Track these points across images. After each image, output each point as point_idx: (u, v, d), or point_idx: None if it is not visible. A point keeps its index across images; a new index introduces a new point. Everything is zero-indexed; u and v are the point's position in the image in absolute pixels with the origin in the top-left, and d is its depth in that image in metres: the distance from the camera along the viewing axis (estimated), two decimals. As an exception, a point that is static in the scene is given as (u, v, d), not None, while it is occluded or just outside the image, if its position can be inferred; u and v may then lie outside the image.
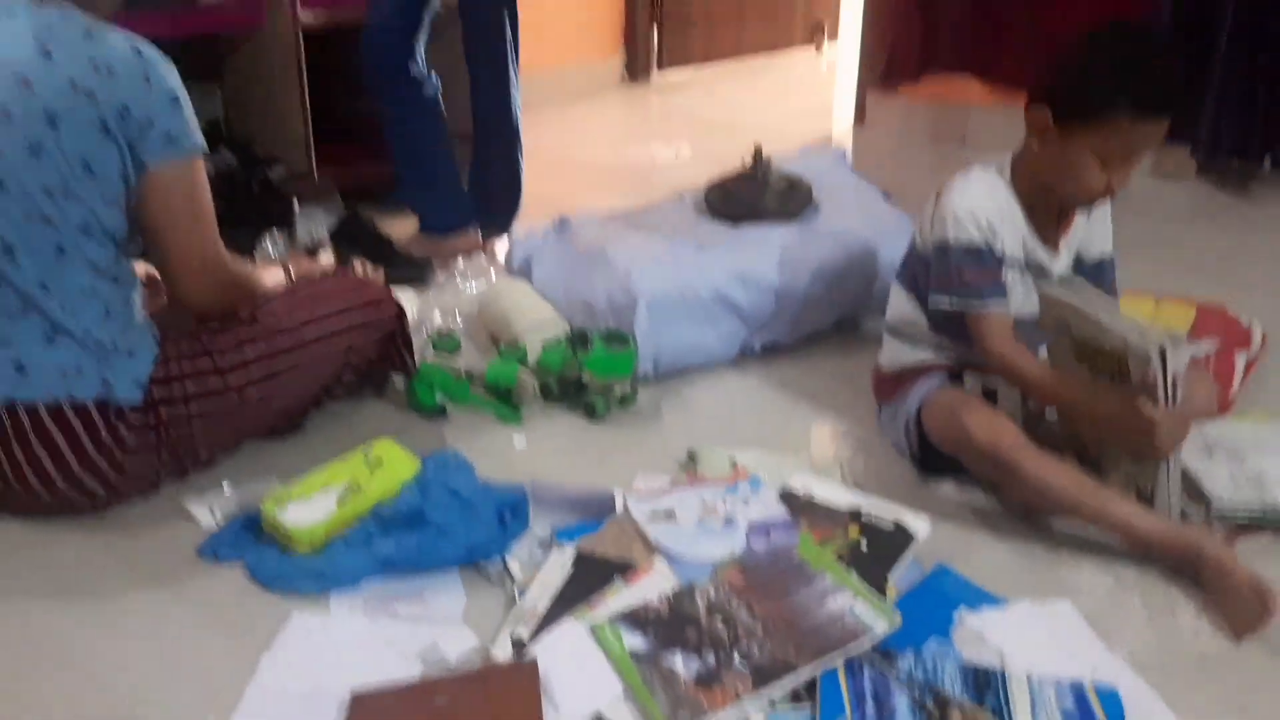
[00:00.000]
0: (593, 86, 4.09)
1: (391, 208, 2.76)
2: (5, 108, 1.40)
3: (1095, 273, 1.85)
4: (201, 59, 2.76)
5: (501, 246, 2.60)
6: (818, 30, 4.60)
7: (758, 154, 2.41)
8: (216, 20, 2.57)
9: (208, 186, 1.53)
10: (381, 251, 2.46)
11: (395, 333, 1.84)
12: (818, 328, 2.27)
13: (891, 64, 3.56)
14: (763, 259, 2.21)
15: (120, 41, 1.44)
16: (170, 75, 1.47)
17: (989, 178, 1.76)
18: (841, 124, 3.81)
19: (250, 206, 2.36)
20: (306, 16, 2.57)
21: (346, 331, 1.75)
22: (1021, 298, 1.76)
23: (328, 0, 2.61)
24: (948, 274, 1.72)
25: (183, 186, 1.50)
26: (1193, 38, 3.01)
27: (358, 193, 2.81)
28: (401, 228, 2.65)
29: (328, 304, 1.73)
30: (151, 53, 1.46)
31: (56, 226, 1.44)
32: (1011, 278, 1.75)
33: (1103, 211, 1.85)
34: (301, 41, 2.57)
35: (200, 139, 1.50)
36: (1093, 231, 1.84)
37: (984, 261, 1.71)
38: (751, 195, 2.36)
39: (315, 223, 2.55)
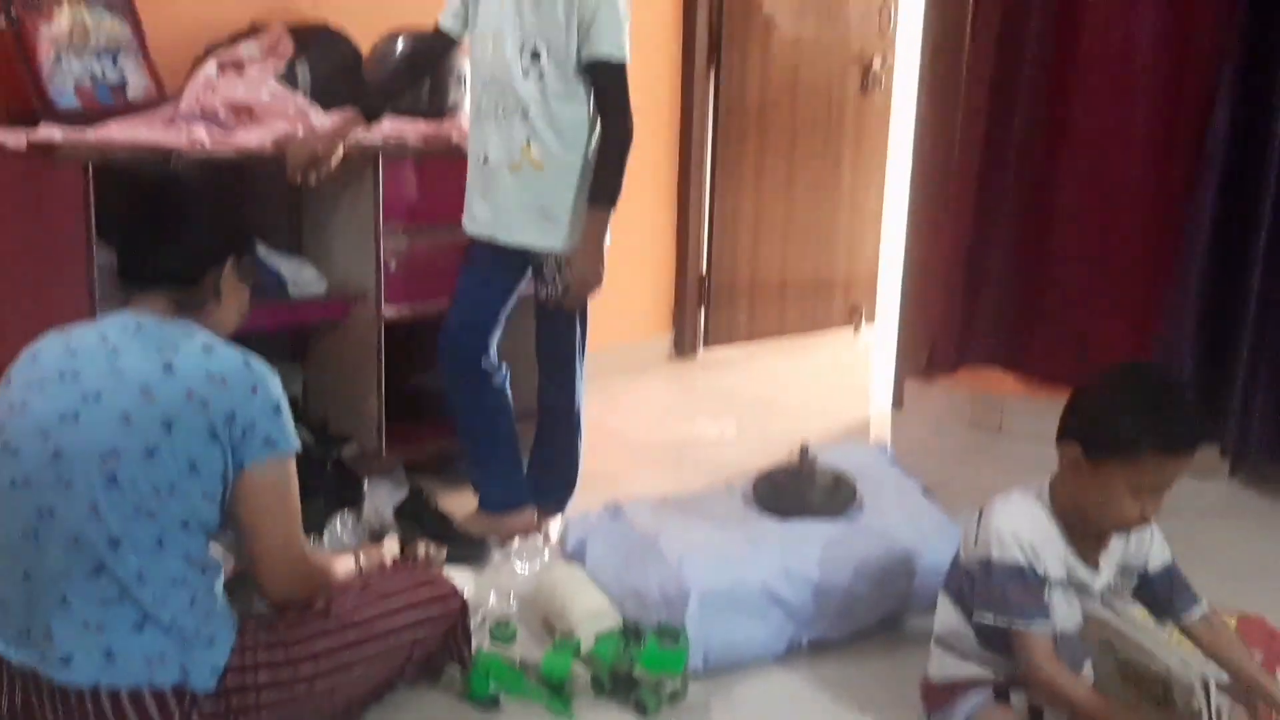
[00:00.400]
0: (642, 363, 4.27)
1: (454, 482, 2.88)
2: (128, 414, 1.55)
3: (1162, 584, 1.93)
4: (288, 341, 2.97)
5: (555, 526, 2.69)
6: (855, 313, 4.83)
7: (804, 450, 2.53)
8: (307, 313, 2.78)
9: (297, 485, 1.67)
10: (442, 530, 2.55)
11: (457, 625, 1.92)
12: (862, 625, 2.32)
13: (931, 354, 3.72)
14: (809, 555, 2.29)
15: (233, 355, 1.62)
16: (275, 385, 1.64)
17: (1028, 501, 1.87)
18: (878, 406, 3.95)
19: (322, 484, 2.49)
20: (389, 310, 2.77)
21: (413, 626, 1.83)
22: (1064, 614, 1.84)
23: (410, 296, 2.81)
24: (991, 592, 1.81)
25: (276, 485, 1.63)
26: (1216, 344, 3.16)
27: (423, 467, 2.94)
28: (463, 502, 2.75)
29: (397, 599, 1.83)
30: (260, 365, 1.64)
31: (159, 521, 1.55)
32: (1055, 596, 1.83)
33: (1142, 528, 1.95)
34: (383, 333, 2.76)
35: (296, 441, 1.65)
36: (1139, 544, 1.93)
37: (1027, 581, 1.80)
38: (798, 491, 2.47)
39: (382, 502, 2.66)
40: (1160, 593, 1.94)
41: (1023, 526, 1.82)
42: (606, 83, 2.43)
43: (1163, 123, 3.24)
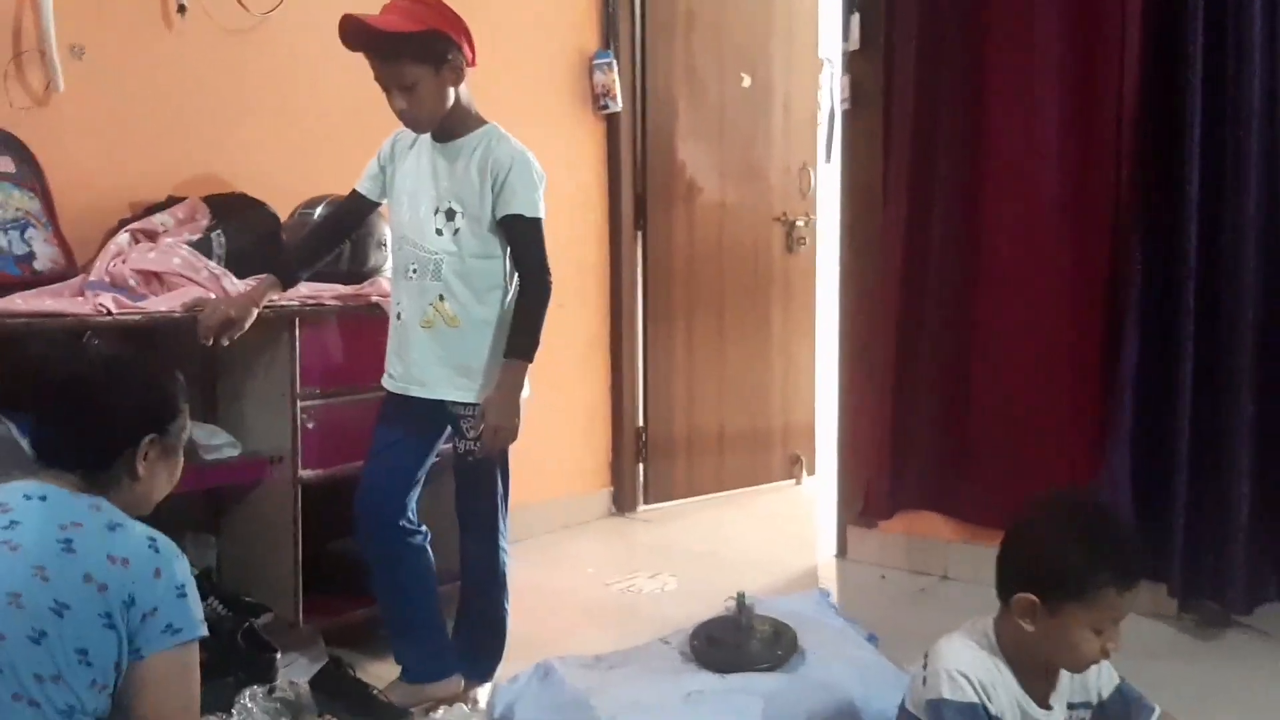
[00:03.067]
0: (581, 519, 4.22)
1: (376, 652, 2.75)
2: (17, 595, 1.45)
3: (1116, 705, 1.87)
4: (201, 509, 2.87)
5: (484, 693, 2.56)
6: (796, 463, 4.82)
7: (740, 601, 2.45)
8: (221, 475, 2.70)
9: (197, 669, 1.57)
10: (363, 701, 2.42)
11: None
12: (810, 780, 2.20)
13: (867, 501, 3.70)
14: (750, 710, 2.18)
15: (139, 534, 1.54)
16: (181, 567, 1.56)
17: (973, 644, 1.80)
18: (824, 554, 3.88)
19: (234, 658, 2.36)
20: (306, 473, 2.70)
21: None
22: None
23: (329, 458, 2.75)
24: None
25: (177, 674, 1.55)
26: (1154, 478, 3.13)
27: (344, 637, 2.81)
28: (386, 672, 2.62)
29: None
30: (166, 546, 1.56)
31: (42, 710, 1.44)
32: None
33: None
34: (299, 497, 2.69)
35: (201, 626, 1.57)
36: (1084, 676, 1.86)
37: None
38: (736, 642, 2.38)
39: (296, 673, 2.53)
40: (1116, 714, 1.88)
41: (971, 665, 1.76)
42: (521, 238, 2.45)
43: (1075, 265, 3.30)
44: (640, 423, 4.40)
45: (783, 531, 4.21)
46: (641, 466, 4.41)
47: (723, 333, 4.60)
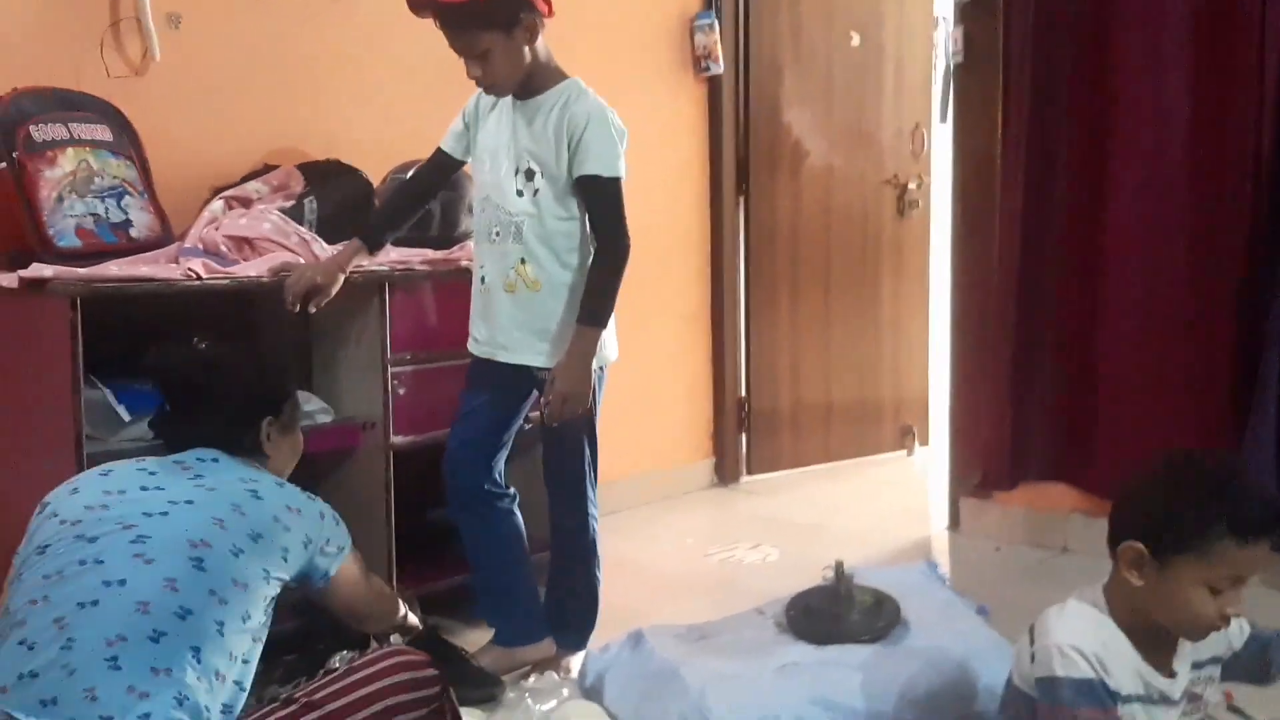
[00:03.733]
0: (683, 490, 4.14)
1: (469, 620, 2.73)
2: (221, 519, 1.68)
3: (1253, 652, 1.75)
4: (297, 476, 2.87)
5: (576, 662, 2.51)
6: (908, 435, 4.65)
7: (839, 570, 2.34)
8: (316, 441, 2.68)
9: (361, 560, 1.95)
10: (455, 667, 2.38)
11: (443, 706, 1.78)
12: (912, 758, 2.09)
13: (986, 473, 3.54)
14: (847, 683, 2.09)
15: (299, 492, 1.84)
16: (328, 506, 1.87)
17: (1087, 612, 1.67)
18: (936, 528, 3.73)
19: (326, 625, 2.34)
20: (398, 439, 2.69)
21: (386, 708, 1.69)
22: None
23: (421, 424, 2.73)
24: (1059, 713, 1.60)
25: (357, 572, 1.92)
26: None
27: (437, 604, 2.79)
28: (478, 640, 2.60)
29: (366, 679, 1.71)
30: (312, 497, 1.85)
31: (229, 607, 1.63)
32: (1135, 714, 1.61)
33: None
34: (392, 463, 2.67)
35: (349, 536, 1.90)
36: (1207, 641, 1.70)
37: (1097, 697, 1.58)
38: (834, 613, 2.28)
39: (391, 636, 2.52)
40: (1252, 661, 1.74)
41: (1086, 638, 1.62)
42: (599, 199, 2.37)
43: (1205, 230, 3.10)
44: (743, 393, 4.30)
45: (892, 503, 4.06)
46: (744, 437, 4.31)
47: (829, 301, 4.46)
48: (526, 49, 2.33)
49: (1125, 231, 3.23)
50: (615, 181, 2.37)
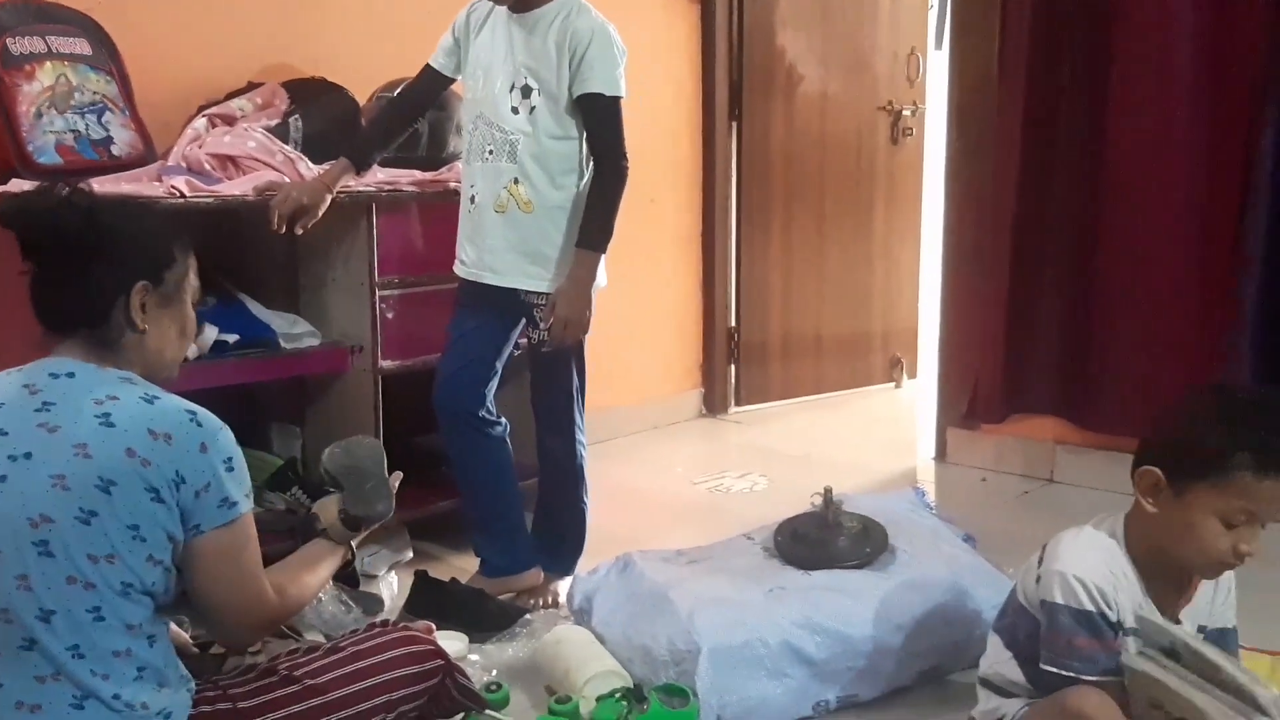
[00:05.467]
0: (671, 421, 4.15)
1: (458, 545, 2.73)
2: (61, 475, 1.40)
3: (1217, 643, 1.69)
4: (285, 401, 2.86)
5: (564, 587, 2.52)
6: (896, 366, 4.65)
7: (828, 496, 2.34)
8: (302, 364, 2.67)
9: (255, 538, 1.52)
10: (473, 607, 2.36)
11: (448, 688, 1.74)
12: (899, 682, 2.12)
13: (974, 404, 3.54)
14: (836, 607, 2.09)
15: (177, 408, 1.46)
16: (226, 441, 1.48)
17: (1101, 541, 1.67)
18: (923, 459, 3.74)
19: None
20: (386, 363, 2.66)
21: (385, 689, 1.65)
22: None
23: (409, 348, 2.70)
24: (1056, 639, 1.61)
25: (232, 546, 1.48)
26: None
27: (426, 530, 2.80)
28: (467, 564, 2.61)
29: (368, 660, 1.65)
30: (208, 418, 1.48)
31: (97, 590, 1.40)
32: (1129, 645, 1.62)
33: (1228, 581, 1.73)
34: (380, 388, 2.65)
35: (250, 496, 1.51)
36: (1226, 602, 1.73)
37: (1095, 628, 1.59)
38: (822, 539, 2.28)
39: (379, 564, 2.52)
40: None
41: (1092, 569, 1.62)
42: (599, 119, 2.33)
43: (1207, 152, 3.06)
44: (732, 323, 4.28)
45: (880, 435, 4.07)
46: (734, 368, 4.30)
47: (822, 230, 4.42)
48: None
49: (1125, 160, 3.19)
50: (616, 101, 2.32)
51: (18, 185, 2.20)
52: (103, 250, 1.49)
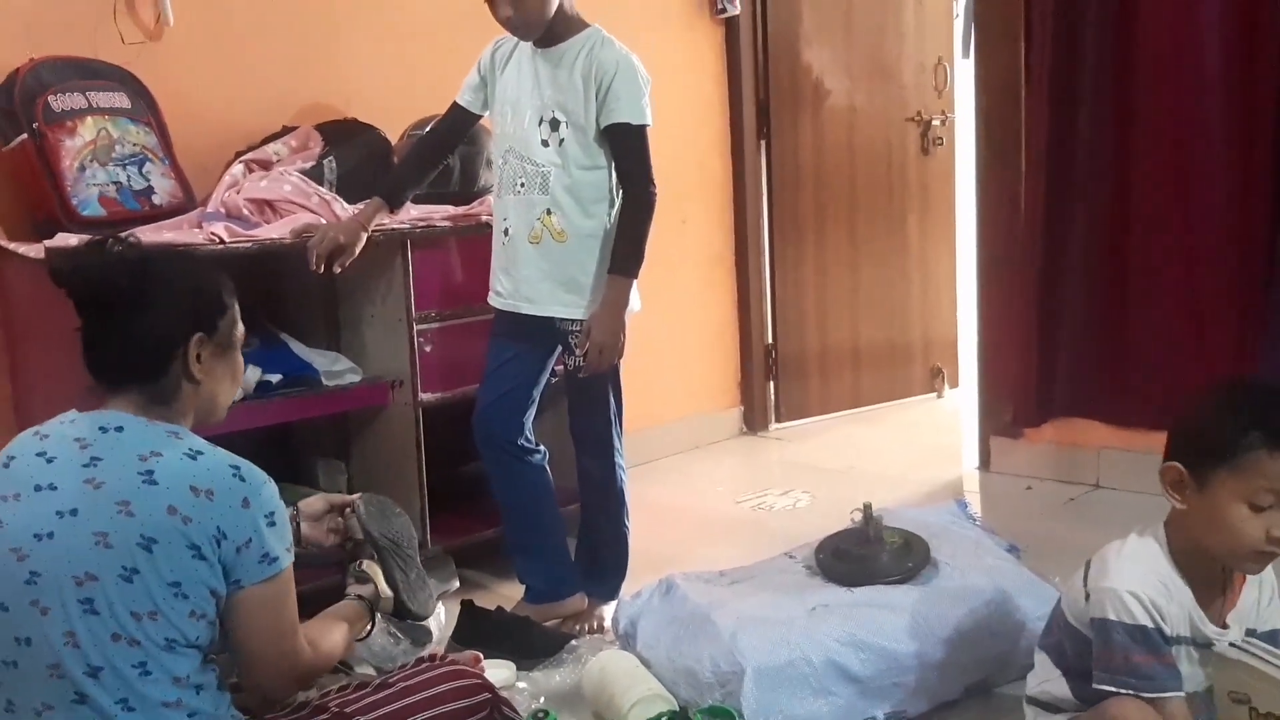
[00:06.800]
0: (712, 438, 4.15)
1: (503, 572, 2.76)
2: (105, 534, 1.43)
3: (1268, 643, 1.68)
4: (330, 437, 2.91)
5: (609, 611, 2.53)
6: (937, 376, 4.62)
7: (868, 511, 2.34)
8: (344, 400, 2.72)
9: (293, 589, 1.55)
10: (521, 636, 2.38)
11: (497, 718, 1.76)
12: (946, 696, 2.11)
13: (1015, 412, 3.51)
14: (880, 623, 2.09)
15: (221, 462, 1.49)
16: (269, 494, 1.51)
17: (1148, 549, 1.66)
18: (967, 468, 3.72)
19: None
20: (426, 396, 2.71)
21: None
22: (1186, 675, 1.62)
23: (449, 380, 2.75)
24: (1111, 656, 1.60)
25: (272, 601, 1.51)
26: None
27: (471, 558, 2.83)
28: (513, 591, 2.64)
29: (416, 695, 1.67)
30: (252, 472, 1.51)
31: (143, 647, 1.44)
32: (1177, 654, 1.62)
33: (1272, 581, 1.72)
34: (421, 420, 2.69)
35: (291, 551, 1.53)
36: (1272, 604, 1.72)
37: (1151, 643, 1.58)
38: (864, 555, 2.28)
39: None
40: None
41: (1143, 582, 1.61)
42: (627, 147, 2.37)
43: (1237, 151, 3.03)
44: (769, 339, 4.27)
45: (923, 445, 4.05)
46: (772, 384, 4.30)
47: (855, 242, 4.41)
48: None
49: (1153, 161, 3.17)
50: (643, 129, 2.36)
51: (64, 239, 2.27)
52: (157, 304, 1.51)
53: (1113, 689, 1.58)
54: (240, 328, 1.62)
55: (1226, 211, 3.06)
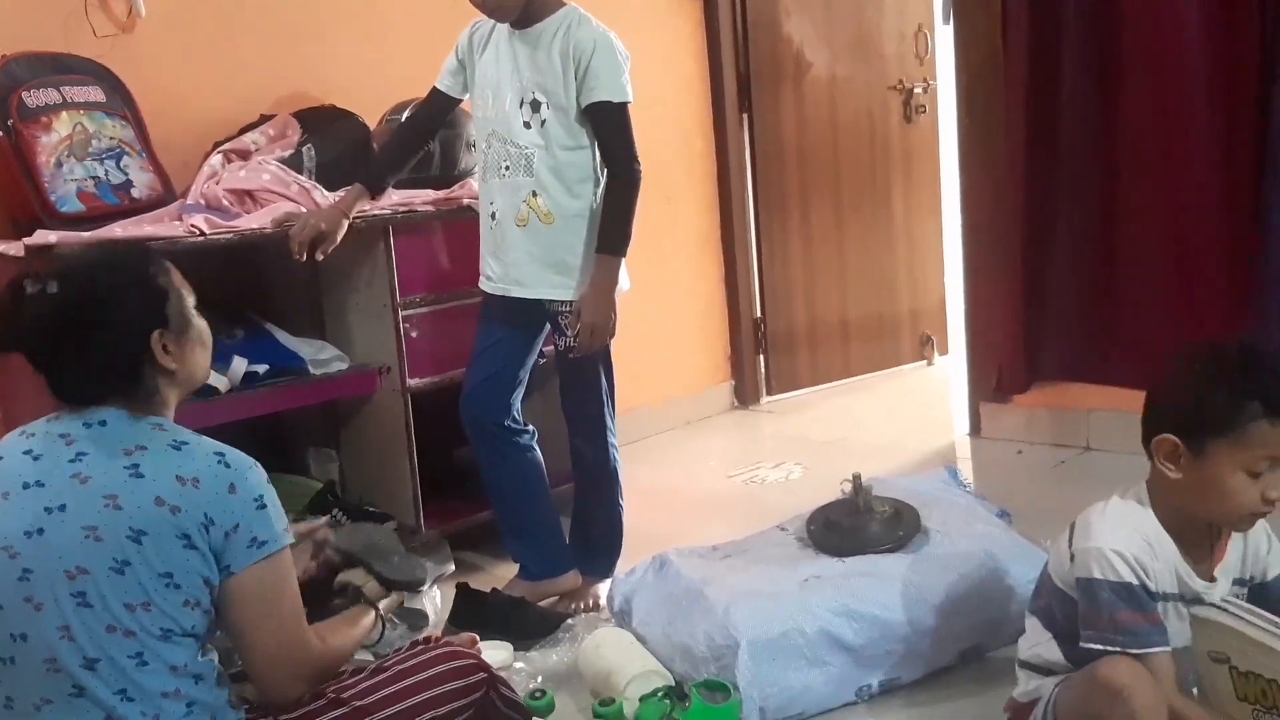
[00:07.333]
0: (704, 415, 4.16)
1: (497, 554, 2.77)
2: (94, 527, 1.43)
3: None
4: (319, 425, 2.91)
5: (604, 589, 2.54)
6: (927, 344, 4.63)
7: (857, 482, 2.35)
8: (331, 389, 2.72)
9: (293, 576, 1.54)
10: (518, 616, 2.39)
11: (492, 701, 1.77)
12: (940, 662, 2.13)
13: (1001, 376, 3.52)
14: (872, 592, 2.11)
15: (206, 450, 1.49)
16: (256, 478, 1.50)
17: (1131, 509, 1.66)
18: (959, 435, 3.73)
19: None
20: (414, 381, 2.71)
21: (431, 705, 1.68)
22: (1175, 631, 1.63)
23: (436, 365, 2.75)
24: (1096, 615, 1.61)
25: (267, 586, 1.49)
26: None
27: (466, 541, 2.84)
28: (507, 572, 2.64)
29: (412, 678, 1.67)
30: (237, 458, 1.50)
31: (137, 637, 1.44)
32: (1164, 610, 1.62)
33: (1258, 530, 1.72)
34: (410, 406, 2.70)
35: (286, 535, 1.52)
36: (1256, 554, 1.72)
37: (1138, 601, 1.59)
38: (854, 525, 2.29)
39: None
40: (1277, 598, 1.70)
41: (1127, 540, 1.62)
42: (609, 126, 2.36)
43: (1219, 111, 3.04)
44: (758, 314, 4.29)
45: (914, 414, 4.07)
46: (762, 358, 4.31)
47: (840, 214, 4.42)
48: None
49: (1135, 119, 3.17)
50: (624, 107, 2.35)
51: (43, 236, 2.26)
52: (102, 325, 1.48)
53: (1100, 647, 1.59)
54: (189, 296, 1.57)
55: (1211, 167, 3.06)
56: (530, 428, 2.55)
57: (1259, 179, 2.98)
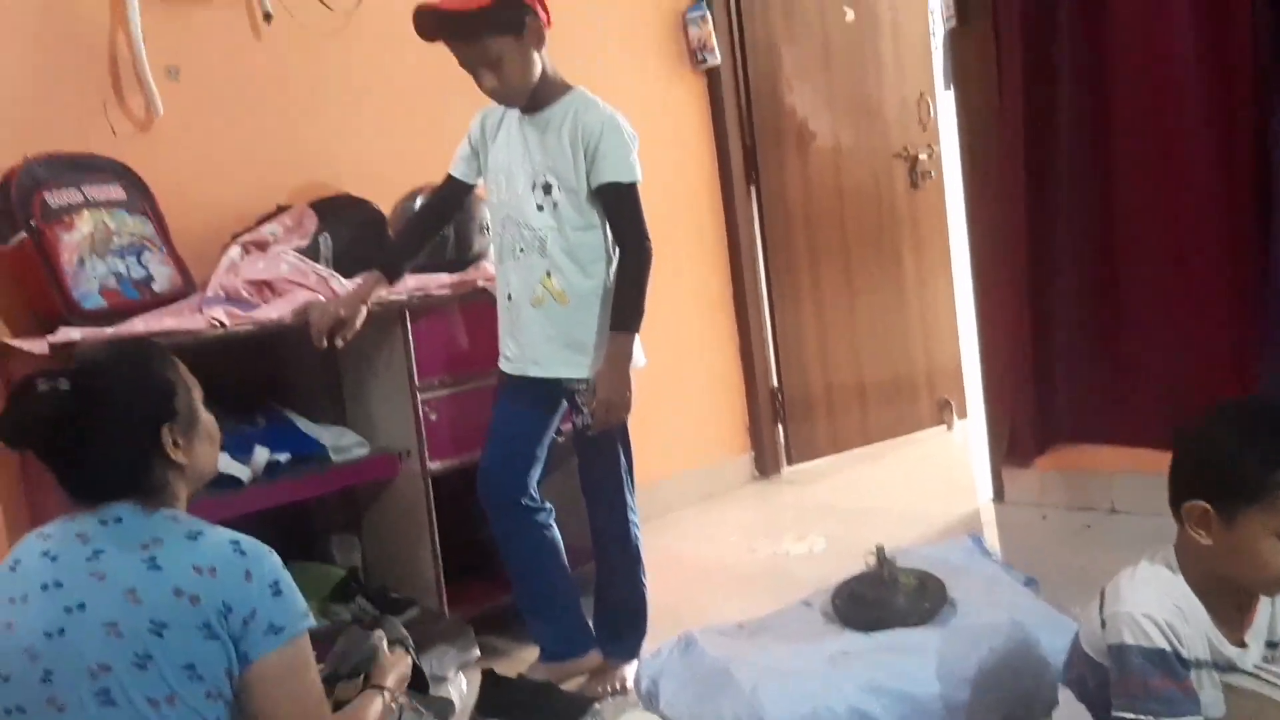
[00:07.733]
0: (725, 487, 4.14)
1: (522, 637, 2.74)
2: (114, 623, 1.43)
3: None
4: (342, 511, 2.92)
5: (630, 671, 2.52)
6: (945, 408, 4.62)
7: (880, 554, 2.33)
8: (353, 474, 2.73)
9: (313, 663, 1.54)
10: (544, 700, 2.36)
11: None
12: (973, 737, 2.08)
13: (1013, 441, 3.50)
14: (899, 667, 2.06)
15: (221, 540, 1.50)
16: (271, 566, 1.51)
17: (1160, 574, 1.64)
18: (982, 500, 3.70)
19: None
20: (435, 464, 2.72)
21: None
22: (1209, 700, 1.60)
23: (457, 447, 2.76)
24: (1129, 684, 1.57)
25: (290, 671, 1.50)
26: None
27: (490, 624, 2.82)
28: (530, 656, 2.62)
29: None
30: (252, 546, 1.51)
31: None
32: (1197, 678, 1.59)
33: None
34: (431, 490, 2.70)
35: (304, 619, 1.52)
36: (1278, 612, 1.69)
37: (1169, 667, 1.56)
38: (880, 598, 2.25)
39: (447, 664, 2.53)
40: None
41: (1158, 605, 1.59)
42: (619, 205, 2.40)
43: (1218, 161, 3.03)
44: (775, 383, 4.29)
45: (936, 480, 4.04)
46: (781, 427, 4.30)
47: (851, 280, 4.43)
48: (536, 55, 2.34)
49: (1134, 175, 3.17)
50: (633, 187, 2.39)
51: (66, 333, 2.29)
52: (109, 424, 1.50)
53: (1132, 716, 1.56)
54: (196, 390, 1.60)
55: (1212, 219, 3.05)
56: (548, 505, 2.55)
57: (1262, 223, 2.97)
